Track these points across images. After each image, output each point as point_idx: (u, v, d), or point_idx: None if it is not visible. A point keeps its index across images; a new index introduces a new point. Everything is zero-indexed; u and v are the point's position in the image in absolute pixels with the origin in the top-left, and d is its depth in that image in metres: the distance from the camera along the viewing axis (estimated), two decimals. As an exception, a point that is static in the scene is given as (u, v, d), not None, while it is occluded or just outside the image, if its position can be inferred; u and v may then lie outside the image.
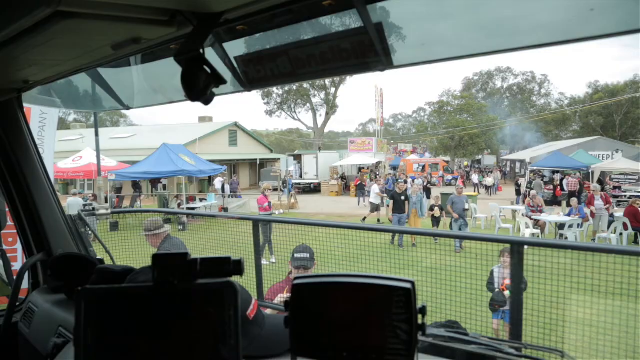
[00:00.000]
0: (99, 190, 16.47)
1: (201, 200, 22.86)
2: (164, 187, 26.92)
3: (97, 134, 16.01)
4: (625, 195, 22.01)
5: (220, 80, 1.08)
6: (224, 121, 40.00)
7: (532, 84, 66.31)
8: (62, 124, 53.99)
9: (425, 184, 23.77)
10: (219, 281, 0.86)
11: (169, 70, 1.53)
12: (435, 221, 15.20)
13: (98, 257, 2.36)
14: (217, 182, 27.95)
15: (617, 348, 3.47)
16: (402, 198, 14.37)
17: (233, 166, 37.89)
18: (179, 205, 20.26)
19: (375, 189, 20.31)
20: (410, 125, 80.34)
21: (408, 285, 0.82)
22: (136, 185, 26.43)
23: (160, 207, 19.70)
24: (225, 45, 1.49)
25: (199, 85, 1.06)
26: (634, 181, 24.17)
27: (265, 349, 1.26)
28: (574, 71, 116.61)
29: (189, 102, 1.18)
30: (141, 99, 2.07)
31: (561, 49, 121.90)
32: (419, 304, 0.85)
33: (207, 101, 1.10)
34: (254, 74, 1.52)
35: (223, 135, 37.60)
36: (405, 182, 23.68)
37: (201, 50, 1.11)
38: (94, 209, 3.04)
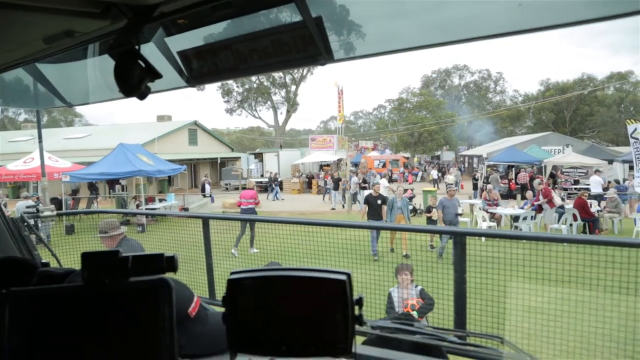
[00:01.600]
0: (43, 192, 15.91)
1: (161, 200, 22.40)
2: (124, 188, 26.23)
3: (40, 134, 15.38)
4: (575, 188, 22.88)
5: (156, 75, 1.05)
6: (183, 120, 39.31)
7: (488, 81, 68.24)
8: (13, 124, 51.86)
9: (360, 181, 22.88)
10: (152, 279, 0.84)
11: (111, 65, 1.49)
12: (433, 225, 12.52)
13: (43, 260, 2.27)
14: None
15: (554, 332, 3.62)
16: (379, 202, 12.30)
17: (193, 165, 37.30)
18: (137, 206, 19.78)
19: (384, 182, 20.40)
20: (371, 122, 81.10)
21: (343, 277, 0.83)
22: (93, 187, 25.65)
23: (117, 209, 19.17)
24: (168, 40, 1.46)
25: (133, 80, 1.03)
26: (583, 174, 25.21)
27: (210, 347, 1.24)
28: (527, 69, 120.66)
29: (146, 100, 1.15)
30: (84, 95, 2.00)
31: (514, 47, 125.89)
32: (356, 296, 0.85)
33: (142, 96, 1.07)
34: (198, 69, 1.49)
35: (182, 134, 36.94)
36: (337, 180, 23.64)
37: (137, 44, 1.08)
38: (38, 210, 2.92)
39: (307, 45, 1.20)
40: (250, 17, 1.28)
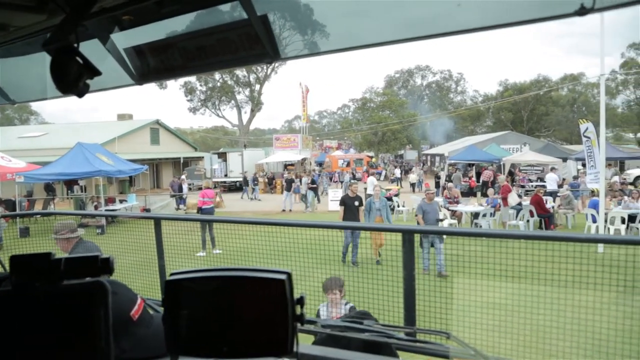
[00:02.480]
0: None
1: (121, 201, 21.88)
2: (83, 189, 25.47)
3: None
4: (533, 186, 23.62)
5: (94, 72, 1.02)
6: (145, 119, 38.52)
7: (450, 81, 69.87)
8: (-38, 123, 49.65)
9: (309, 181, 22.53)
10: (87, 281, 0.81)
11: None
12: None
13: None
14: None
15: (498, 325, 3.73)
16: (356, 203, 11.14)
17: (155, 165, 36.60)
18: (96, 207, 19.24)
19: (373, 180, 20.47)
20: (335, 121, 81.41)
21: (283, 277, 0.82)
22: (49, 188, 24.81)
23: (74, 210, 18.61)
24: (114, 36, 1.42)
25: (70, 77, 1.00)
26: (539, 172, 26.07)
27: (154, 349, 1.21)
28: (486, 70, 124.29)
29: (106, 99, 1.12)
30: (28, 92, 1.94)
31: (474, 49, 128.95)
32: (298, 295, 0.85)
33: (80, 93, 1.04)
34: (145, 67, 1.46)
35: (144, 133, 36.18)
36: (290, 181, 22.95)
37: (76, 40, 1.05)
38: (-19, 213, 2.79)
39: (253, 44, 1.20)
40: (197, 14, 1.27)
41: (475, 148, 31.08)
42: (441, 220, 11.07)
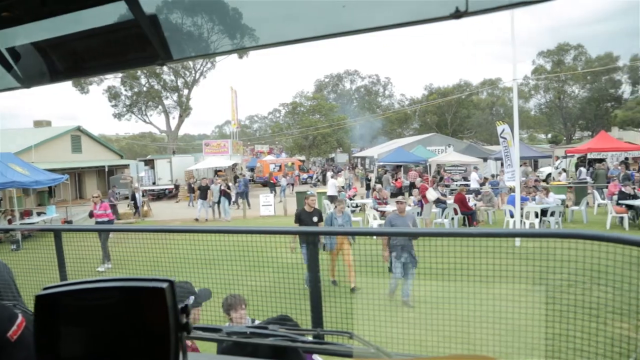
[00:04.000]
0: None
1: (39, 214, 20.57)
2: (-3, 203, 23.66)
3: None
4: (457, 185, 24.68)
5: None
6: (65, 125, 36.49)
7: (377, 86, 71.82)
8: None
9: (223, 187, 21.64)
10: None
11: None
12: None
13: None
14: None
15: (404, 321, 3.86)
16: (314, 219, 9.58)
17: (77, 175, 34.75)
18: (9, 221, 17.95)
19: (334, 181, 20.74)
20: (266, 126, 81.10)
21: (163, 285, 0.79)
22: (-46, 202, 22.83)
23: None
24: (-8, 35, 1.33)
25: None
26: (462, 171, 27.35)
27: None
28: (412, 74, 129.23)
29: (21, 104, 1.02)
30: None
31: (400, 54, 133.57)
32: (182, 304, 0.82)
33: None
34: (32, 69, 1.37)
35: (64, 140, 34.27)
36: (205, 189, 21.44)
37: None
38: None
39: (144, 45, 1.15)
40: (84, 13, 1.20)
41: (403, 150, 32.09)
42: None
